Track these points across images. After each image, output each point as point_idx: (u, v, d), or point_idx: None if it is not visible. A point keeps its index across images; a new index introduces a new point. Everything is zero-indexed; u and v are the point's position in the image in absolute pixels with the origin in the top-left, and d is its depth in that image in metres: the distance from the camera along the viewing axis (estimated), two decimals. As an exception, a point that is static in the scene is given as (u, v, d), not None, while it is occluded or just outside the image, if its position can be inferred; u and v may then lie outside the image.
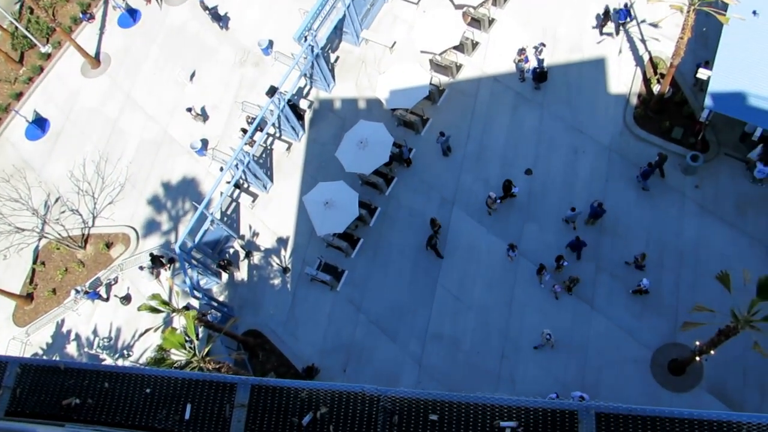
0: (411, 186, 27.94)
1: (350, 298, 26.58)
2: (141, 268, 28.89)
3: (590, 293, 24.48)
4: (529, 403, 7.93)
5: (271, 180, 29.61)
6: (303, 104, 30.71)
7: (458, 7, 29.93)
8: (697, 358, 21.36)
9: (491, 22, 30.13)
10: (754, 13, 23.43)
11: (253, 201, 29.47)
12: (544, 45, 28.21)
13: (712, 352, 20.41)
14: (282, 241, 28.36)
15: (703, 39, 27.43)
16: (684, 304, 23.09)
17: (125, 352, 28.17)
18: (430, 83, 28.26)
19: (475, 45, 29.84)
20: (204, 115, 31.54)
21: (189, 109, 31.14)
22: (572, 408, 8.12)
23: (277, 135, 30.34)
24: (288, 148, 30.18)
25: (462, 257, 26.09)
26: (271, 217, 28.95)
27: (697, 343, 20.85)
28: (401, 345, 25.37)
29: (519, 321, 24.64)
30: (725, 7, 22.81)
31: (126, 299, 28.76)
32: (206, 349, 21.43)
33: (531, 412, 7.89)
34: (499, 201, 25.93)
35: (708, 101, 23.46)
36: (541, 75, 27.85)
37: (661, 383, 23.05)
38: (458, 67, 29.58)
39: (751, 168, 24.74)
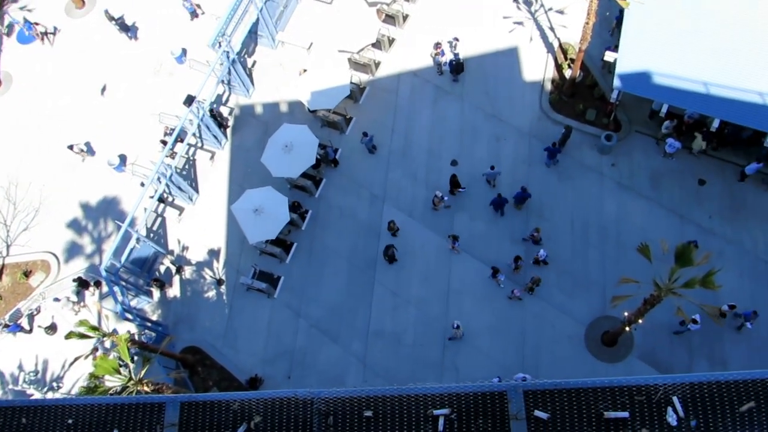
0: (340, 186, 27.84)
1: (289, 304, 26.23)
2: (57, 299, 27.47)
3: (522, 275, 25.10)
4: (460, 389, 8.03)
5: (197, 191, 28.84)
6: (224, 111, 30.07)
7: (372, 4, 30.04)
8: (627, 329, 22.25)
9: (405, 17, 30.40)
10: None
11: (180, 214, 28.62)
12: (457, 39, 28.74)
13: (640, 321, 21.30)
14: (213, 253, 27.68)
15: (608, 23, 28.65)
16: (611, 279, 24.06)
17: (55, 384, 26.79)
18: (351, 82, 28.23)
19: (391, 41, 30.03)
20: (89, 151, 30.13)
21: (70, 147, 29.66)
22: (501, 389, 8.28)
23: (199, 145, 29.57)
24: (211, 158, 29.47)
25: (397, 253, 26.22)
26: (200, 229, 28.20)
27: (626, 314, 21.73)
28: (344, 346, 25.26)
29: (457, 310, 25.00)
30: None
31: (51, 329, 27.32)
32: (142, 372, 20.65)
33: (462, 397, 7.99)
34: (446, 198, 26.15)
35: (616, 82, 24.48)
36: (457, 67, 28.32)
37: (596, 356, 23.93)
38: (377, 64, 29.69)
39: (662, 143, 26.04)
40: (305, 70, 28.73)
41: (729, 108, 23.12)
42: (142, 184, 27.57)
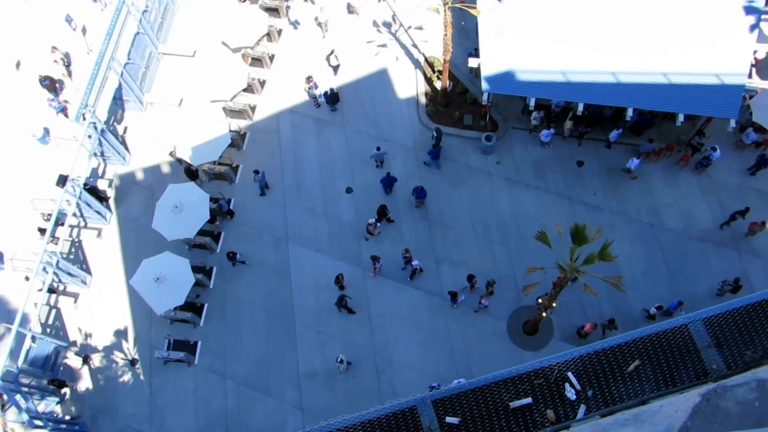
0: (241, 235, 27.22)
1: (211, 367, 25.17)
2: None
3: (437, 286, 25.59)
4: (371, 415, 8.07)
5: (90, 273, 27.16)
6: (102, 184, 28.61)
7: (236, 50, 29.82)
8: (544, 314, 23.18)
9: (272, 57, 30.44)
10: (499, 0, 26.08)
11: (76, 301, 26.80)
12: (331, 65, 29.21)
13: (553, 304, 22.28)
14: (121, 333, 26.10)
15: (466, 32, 30.10)
16: (519, 270, 25.03)
17: None
18: (230, 130, 27.81)
19: (263, 83, 29.93)
20: None
21: None
22: (410, 404, 8.45)
23: (83, 224, 27.91)
24: (99, 235, 27.89)
25: (311, 290, 25.94)
26: (101, 311, 26.53)
27: (539, 300, 22.66)
28: (278, 396, 24.53)
29: (383, 333, 25.03)
30: (473, 1, 25.27)
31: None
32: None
33: (375, 422, 8.01)
34: (379, 225, 26.20)
35: (484, 85, 25.69)
36: (333, 97, 28.67)
37: (522, 346, 24.72)
38: (253, 108, 29.45)
39: (535, 134, 27.57)
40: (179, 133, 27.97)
41: (588, 92, 24.86)
42: (27, 278, 25.61)
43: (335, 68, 29.48)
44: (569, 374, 10.13)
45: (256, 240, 27.02)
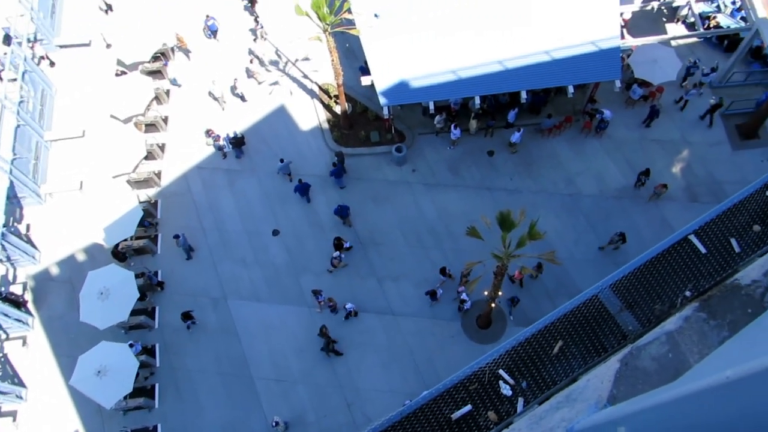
0: (177, 305, 26.18)
1: (177, 448, 23.98)
2: None
3: (385, 303, 25.51)
4: None
5: (23, 385, 25.37)
6: (16, 290, 26.88)
7: (126, 120, 28.91)
8: (493, 305, 23.52)
9: (166, 119, 29.71)
10: (376, 15, 26.54)
11: (15, 419, 24.92)
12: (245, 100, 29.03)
13: (499, 293, 22.64)
14: (72, 440, 24.46)
15: (351, 52, 30.46)
16: (459, 269, 25.31)
17: None
18: (140, 202, 26.84)
19: (163, 147, 29.13)
20: None
21: None
22: None
23: (4, 337, 26.09)
24: (24, 343, 26.14)
25: (262, 341, 25.26)
26: (45, 422, 24.78)
27: (486, 293, 22.98)
28: (253, 458, 23.65)
29: (344, 366, 24.65)
30: (353, 21, 25.60)
31: None
32: None
33: None
34: (342, 256, 25.88)
35: (382, 100, 26.02)
36: (238, 143, 28.26)
37: (480, 342, 24.96)
38: (158, 174, 28.58)
39: (441, 135, 28.13)
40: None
41: (479, 84, 25.63)
42: (-45, 409, 23.61)
43: (241, 97, 29.30)
44: (501, 371, 10.24)
45: (193, 305, 26.06)
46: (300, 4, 24.54)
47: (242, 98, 29.70)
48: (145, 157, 28.07)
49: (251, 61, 29.89)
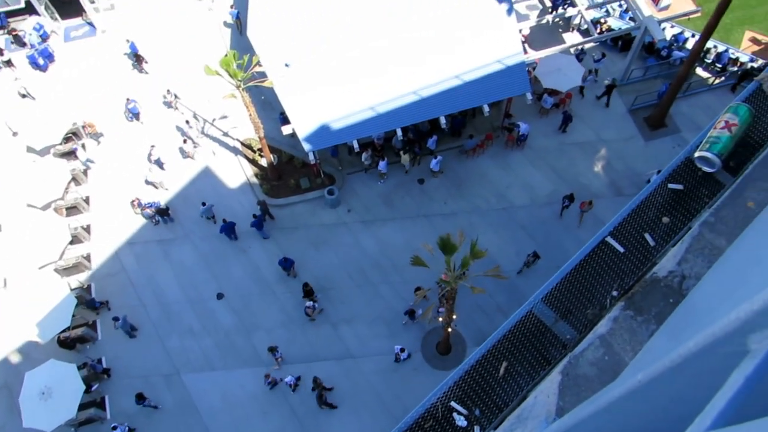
0: (127, 390, 24.90)
1: None
2: None
3: (343, 348, 25.12)
4: None
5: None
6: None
7: (45, 207, 27.81)
8: (450, 330, 23.53)
9: (87, 200, 28.75)
10: (286, 65, 26.74)
11: None
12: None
13: (454, 317, 22.70)
14: None
15: (268, 103, 30.48)
16: (410, 300, 25.29)
17: None
18: (72, 289, 25.69)
19: (88, 228, 28.11)
20: None
21: None
22: None
23: (-59, 459, 24.16)
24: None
25: (224, 411, 24.32)
26: None
27: (440, 319, 23.00)
28: None
29: (311, 419, 23.98)
30: (264, 73, 25.71)
31: None
32: None
33: None
34: (315, 305, 25.33)
35: (306, 146, 26.06)
36: (163, 211, 27.60)
37: (443, 369, 24.82)
38: (87, 257, 27.48)
39: (369, 171, 28.36)
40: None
41: (397, 116, 26.07)
42: None
43: (160, 165, 28.81)
44: (453, 404, 10.20)
45: (144, 387, 24.89)
46: (208, 65, 24.48)
47: (161, 166, 29.02)
48: (71, 242, 26.97)
49: (185, 141, 29.31)
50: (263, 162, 28.86)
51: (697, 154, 9.38)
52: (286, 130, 27.00)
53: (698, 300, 5.54)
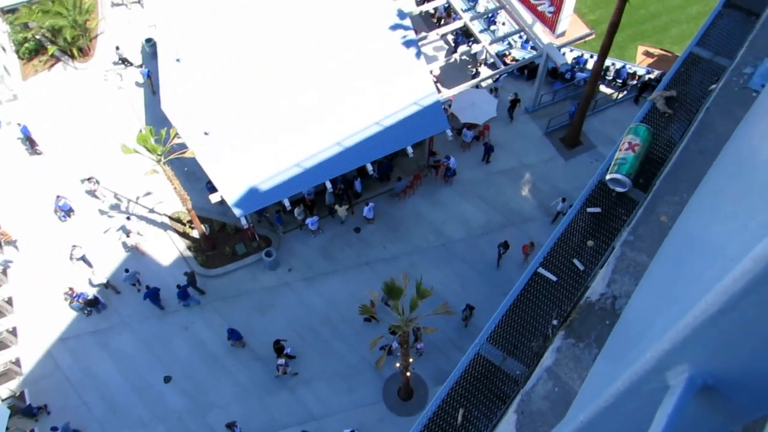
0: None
1: None
2: None
3: (304, 411, 24.40)
4: None
5: None
6: None
7: (-34, 315, 26.10)
8: (408, 374, 23.29)
9: (9, 300, 27.13)
10: (206, 133, 26.38)
11: None
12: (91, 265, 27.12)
13: (411, 360, 22.52)
14: None
15: (192, 173, 29.90)
16: (365, 350, 24.89)
17: None
18: (2, 400, 23.95)
19: (13, 331, 26.43)
20: None
21: None
22: None
23: None
24: None
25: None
26: None
27: (397, 365, 22.75)
28: None
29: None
30: (184, 144, 25.35)
31: None
32: None
33: None
34: (289, 367, 24.66)
35: (237, 212, 25.66)
36: (92, 302, 26.40)
37: (408, 414, 24.46)
38: (17, 362, 25.71)
39: (304, 227, 28.16)
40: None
41: (324, 170, 26.14)
42: None
43: (87, 262, 27.53)
44: None
45: (96, 491, 23.32)
46: (125, 144, 23.97)
47: (88, 264, 27.71)
48: (-3, 348, 25.33)
49: (128, 235, 28.28)
50: (195, 234, 28.22)
51: (608, 177, 9.83)
52: (214, 198, 26.60)
53: (631, 318, 5.68)
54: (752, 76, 8.00)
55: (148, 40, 33.18)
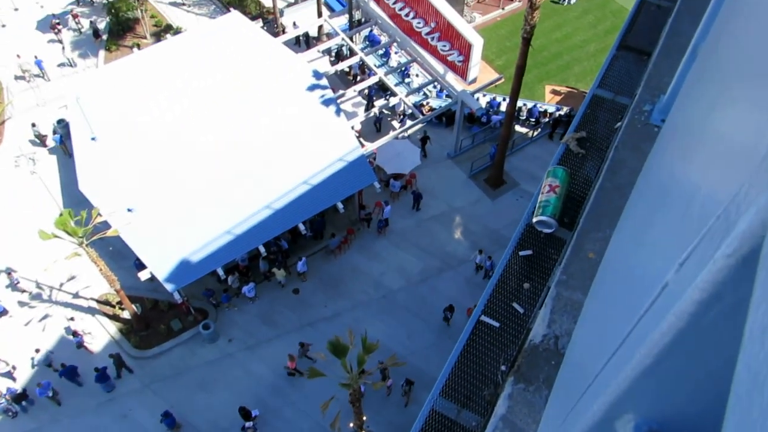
0: None
1: None
2: None
3: None
4: None
5: None
6: None
7: None
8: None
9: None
10: (129, 210, 25.59)
11: None
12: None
13: (364, 418, 22.05)
14: None
15: (117, 251, 28.81)
16: (316, 414, 24.14)
17: None
18: None
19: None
20: None
21: None
22: None
23: None
24: None
25: None
26: None
27: (351, 424, 22.21)
28: None
29: None
30: (108, 223, 24.46)
31: None
32: None
33: None
34: (255, 426, 23.59)
35: (169, 287, 24.80)
36: (20, 397, 24.55)
37: (367, 476, 23.75)
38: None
39: (240, 295, 27.52)
40: None
41: (255, 235, 25.82)
42: None
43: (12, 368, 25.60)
44: None
45: None
46: (42, 230, 22.91)
47: (13, 369, 25.89)
48: None
49: (75, 334, 26.54)
50: (126, 315, 26.99)
51: (534, 220, 10.23)
52: (143, 275, 25.65)
53: (576, 356, 5.83)
54: (652, 112, 8.63)
55: (60, 121, 32.26)
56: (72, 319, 27.16)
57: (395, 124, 33.70)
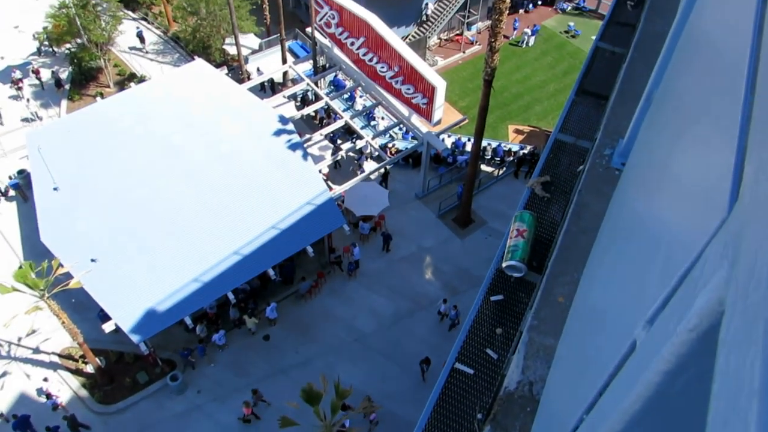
0: None
1: None
2: None
3: None
4: None
5: None
6: None
7: None
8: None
9: None
10: (93, 260, 25.02)
11: None
12: None
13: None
14: None
15: (80, 303, 28.02)
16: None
17: None
18: None
19: None
20: None
21: None
22: None
23: None
24: None
25: None
26: None
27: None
28: None
29: None
30: (70, 274, 23.81)
31: None
32: None
33: None
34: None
35: (134, 338, 24.05)
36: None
37: None
38: None
39: (209, 343, 26.94)
40: None
41: (224, 282, 25.43)
42: None
43: None
44: None
45: None
46: (2, 283, 22.20)
47: None
48: None
49: (49, 396, 25.43)
50: (89, 368, 26.10)
51: (504, 265, 10.36)
52: (107, 327, 24.92)
53: (552, 402, 5.85)
54: (612, 156, 8.91)
55: (21, 172, 31.66)
56: (46, 379, 26.10)
57: (365, 166, 33.94)
